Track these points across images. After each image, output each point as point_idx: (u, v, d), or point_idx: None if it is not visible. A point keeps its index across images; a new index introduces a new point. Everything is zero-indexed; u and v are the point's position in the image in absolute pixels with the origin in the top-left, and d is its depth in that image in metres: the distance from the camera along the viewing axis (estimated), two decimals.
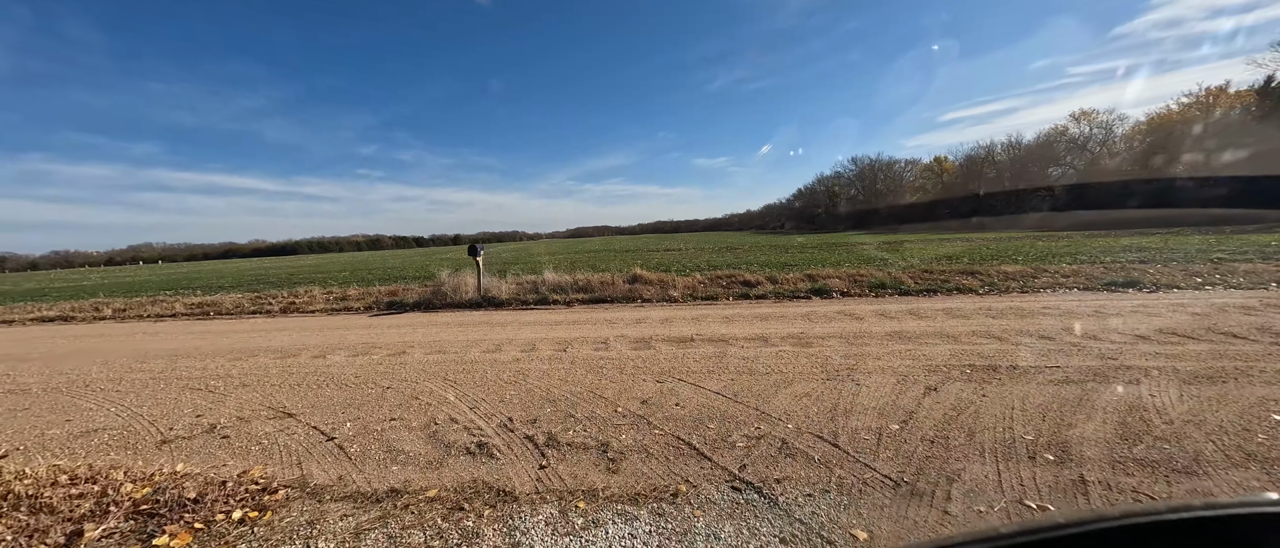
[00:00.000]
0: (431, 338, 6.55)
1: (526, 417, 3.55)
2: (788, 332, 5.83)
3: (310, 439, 3.35)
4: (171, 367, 5.64)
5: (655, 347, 5.48)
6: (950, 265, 11.31)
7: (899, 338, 5.31)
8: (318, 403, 4.08)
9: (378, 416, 3.74)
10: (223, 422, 3.75)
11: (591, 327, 6.83)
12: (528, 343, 5.97)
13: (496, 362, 5.15)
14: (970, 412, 3.31)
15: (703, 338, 5.78)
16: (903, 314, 6.55)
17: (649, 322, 7.00)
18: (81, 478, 2.77)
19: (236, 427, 3.64)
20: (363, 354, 5.81)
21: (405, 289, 11.83)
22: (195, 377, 5.13)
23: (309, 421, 3.69)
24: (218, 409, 4.05)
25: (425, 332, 7.05)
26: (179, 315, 10.81)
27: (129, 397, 4.52)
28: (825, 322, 6.31)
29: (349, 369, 5.13)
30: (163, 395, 4.51)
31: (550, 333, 6.53)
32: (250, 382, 4.81)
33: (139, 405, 4.25)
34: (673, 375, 4.38)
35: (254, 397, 4.33)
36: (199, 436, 3.51)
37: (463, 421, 3.54)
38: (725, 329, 6.19)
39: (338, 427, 3.54)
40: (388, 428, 3.47)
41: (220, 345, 6.78)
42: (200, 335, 7.81)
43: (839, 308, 7.26)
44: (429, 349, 5.88)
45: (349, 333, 7.29)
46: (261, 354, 6.08)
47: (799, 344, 5.25)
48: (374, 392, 4.31)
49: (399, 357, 5.60)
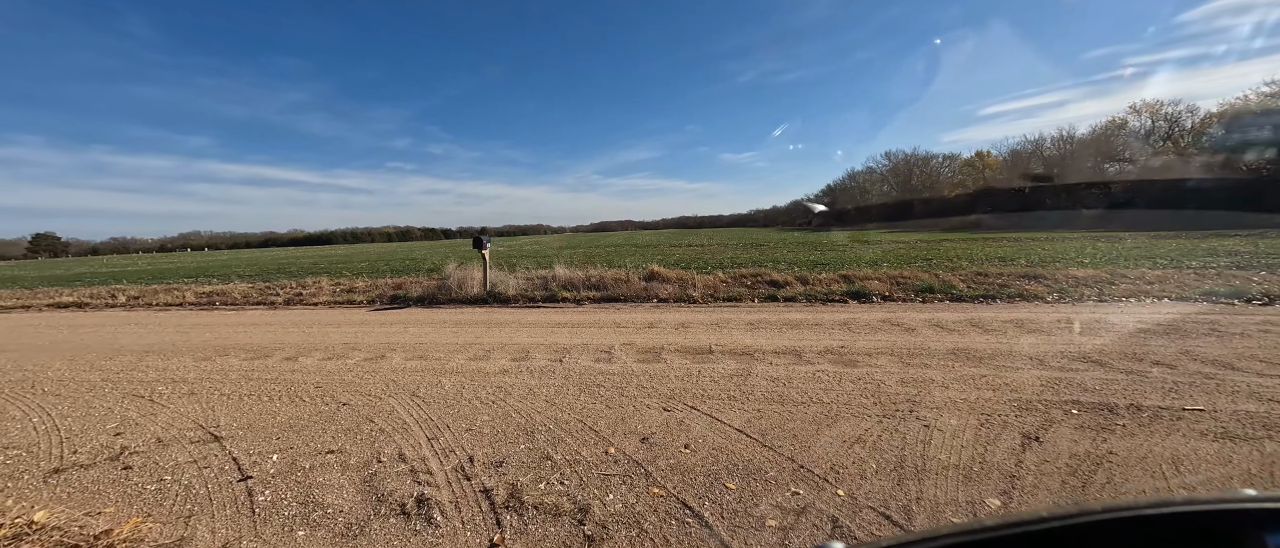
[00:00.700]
0: (418, 340, 5.88)
1: (492, 457, 2.78)
2: (825, 345, 4.89)
3: (221, 478, 2.66)
4: (132, 366, 5.14)
5: (666, 359, 4.64)
6: (1006, 268, 10.03)
7: (966, 358, 4.31)
8: (257, 422, 3.43)
9: (316, 445, 3.04)
10: (137, 445, 3.12)
11: (597, 331, 6.04)
12: (521, 349, 5.22)
13: (480, 373, 4.42)
14: (1102, 478, 2.35)
15: (723, 350, 4.90)
16: (962, 325, 5.51)
17: (662, 326, 6.16)
18: None
19: (148, 454, 3.00)
20: (338, 357, 5.19)
21: (413, 282, 11.33)
22: (149, 380, 4.58)
23: (234, 448, 3.02)
24: (144, 426, 3.44)
25: (415, 332, 6.41)
26: (185, 305, 10.60)
27: (64, 404, 3.99)
28: (869, 333, 5.33)
29: (314, 377, 4.49)
30: (99, 404, 3.95)
31: (550, 337, 5.77)
32: (201, 390, 4.22)
33: (66, 416, 3.70)
34: (684, 401, 3.54)
35: (193, 410, 3.72)
36: (100, 464, 2.89)
37: (412, 458, 2.80)
38: (749, 339, 5.29)
39: (262, 459, 2.85)
40: (319, 465, 2.76)
41: (198, 341, 6.31)
42: (187, 329, 7.40)
43: (883, 315, 6.25)
44: (411, 354, 5.21)
45: (337, 330, 6.73)
46: (233, 353, 5.54)
47: (840, 362, 4.32)
48: (327, 409, 3.64)
49: (375, 362, 4.94)
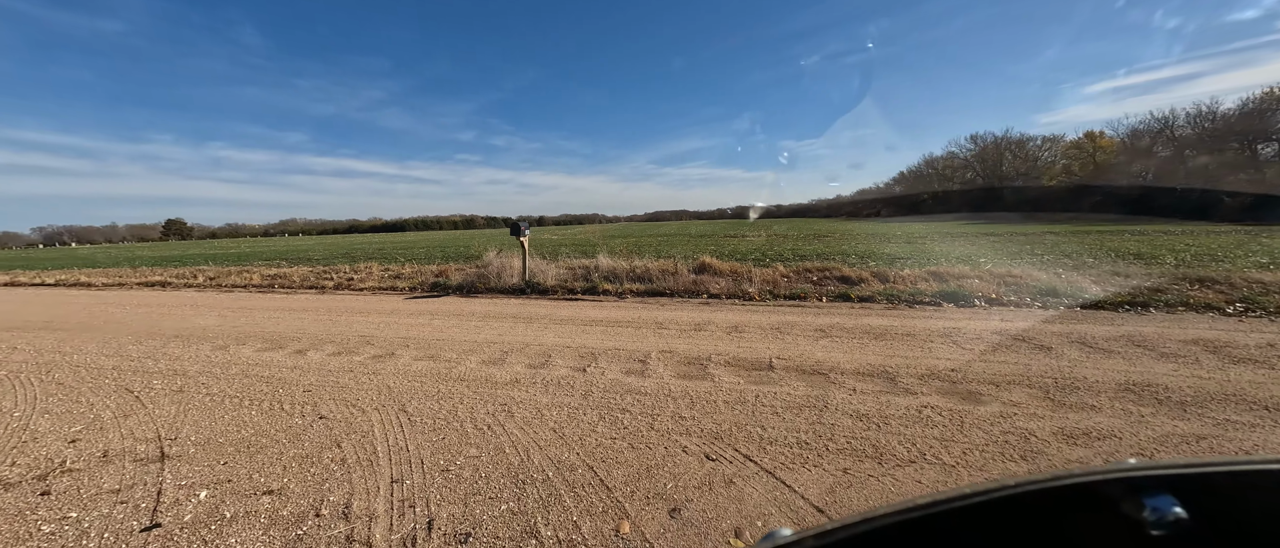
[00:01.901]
0: (436, 336, 5.32)
1: (458, 525, 1.99)
2: (928, 367, 3.70)
3: (124, 525, 2.08)
4: (150, 354, 4.96)
5: (714, 375, 3.68)
6: (1152, 267, 7.99)
7: (1149, 398, 2.98)
8: (218, 436, 2.89)
9: (260, 478, 2.42)
10: (78, 460, 2.67)
11: (634, 332, 5.18)
12: (543, 353, 4.47)
13: (487, 383, 3.70)
14: None
15: (788, 365, 3.86)
16: (1121, 345, 4.05)
17: (712, 330, 5.18)
18: None
19: (79, 474, 2.52)
20: (348, 353, 4.71)
21: (456, 269, 11.07)
22: (152, 371, 4.31)
23: (171, 473, 2.47)
24: (104, 433, 3.02)
25: (438, 326, 5.88)
26: (248, 287, 11.00)
27: (57, 396, 3.73)
28: (988, 352, 4.04)
29: (311, 377, 3.99)
30: (87, 398, 3.65)
31: (579, 338, 4.98)
32: (190, 388, 3.83)
33: (48, 412, 3.40)
34: (735, 444, 2.58)
35: (165, 414, 3.28)
36: (24, 483, 2.43)
37: (357, 515, 2.08)
38: (821, 352, 4.19)
39: (188, 496, 2.26)
40: (244, 515, 2.11)
41: (229, 327, 6.17)
42: (229, 312, 7.41)
43: (997, 325, 4.86)
44: (422, 352, 4.62)
45: (363, 320, 6.37)
46: (251, 342, 5.25)
47: (955, 395, 3.14)
48: (299, 424, 3.05)
49: (382, 361, 4.39)
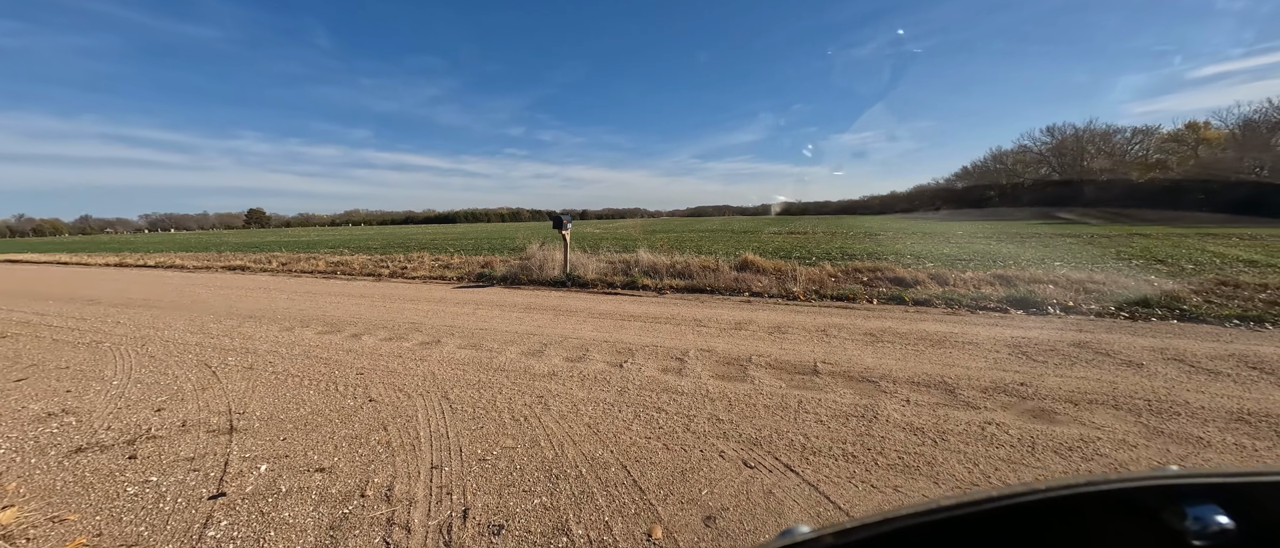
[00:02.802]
0: (480, 325, 5.47)
1: (491, 515, 2.01)
2: (993, 379, 3.39)
3: (196, 492, 2.25)
4: (226, 332, 5.41)
5: (754, 377, 3.55)
6: (1271, 277, 7.00)
7: (1274, 431, 2.58)
8: (280, 413, 3.09)
9: (314, 456, 2.55)
10: (161, 428, 2.93)
11: (673, 329, 5.10)
12: (581, 346, 4.49)
13: (526, 374, 3.75)
14: None
15: (834, 371, 3.66)
16: (1232, 366, 3.53)
17: (753, 329, 5.01)
18: None
19: (161, 442, 2.76)
20: (397, 339, 4.93)
21: (501, 261, 11.40)
22: (227, 348, 4.69)
23: (237, 446, 2.66)
24: (184, 405, 3.30)
25: (482, 315, 6.05)
26: (314, 273, 11.82)
27: (148, 368, 4.14)
28: (1064, 364, 3.65)
29: (364, 360, 4.20)
30: (173, 371, 4.02)
31: (617, 333, 4.97)
32: (258, 366, 4.13)
33: (139, 382, 3.77)
34: (775, 452, 2.46)
35: (236, 389, 3.55)
36: (116, 447, 2.69)
37: (398, 497, 2.14)
38: (872, 358, 3.94)
39: (250, 469, 2.42)
40: (297, 490, 2.23)
41: (294, 310, 6.64)
42: (296, 296, 7.98)
43: (1076, 336, 4.39)
44: (465, 341, 4.76)
45: (413, 307, 6.67)
46: (313, 325, 5.62)
47: (1025, 412, 2.86)
48: (351, 405, 3.21)
49: (428, 347, 4.56)
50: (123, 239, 57.45)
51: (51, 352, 4.73)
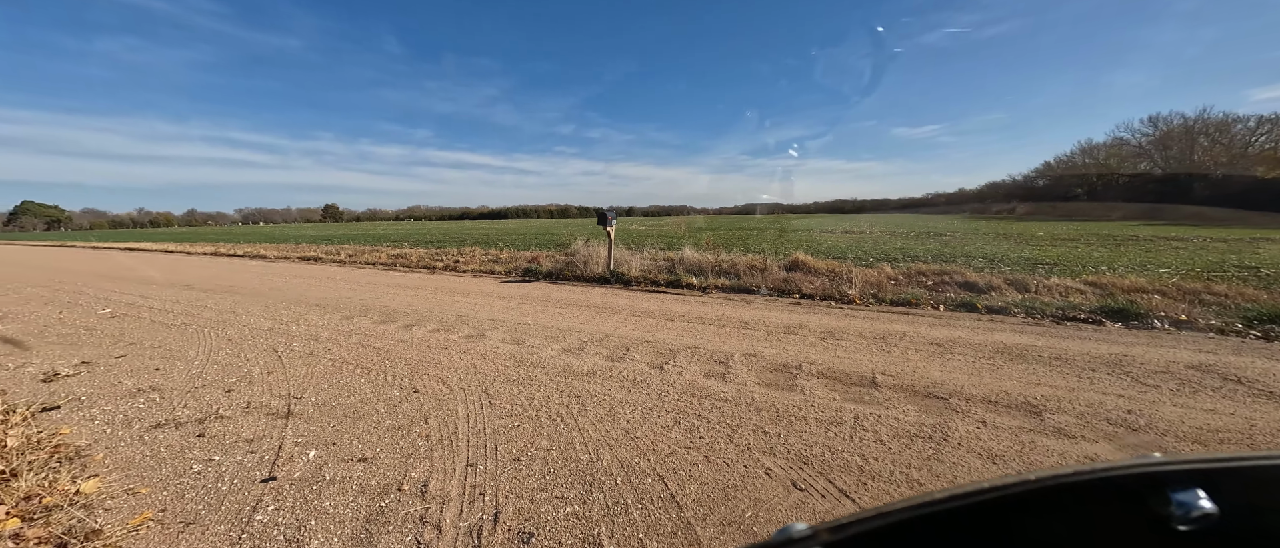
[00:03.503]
0: (523, 320, 5.52)
1: (522, 521, 1.94)
2: (1089, 403, 2.94)
3: (251, 474, 2.35)
4: (295, 319, 5.78)
5: (804, 387, 3.30)
6: None
7: None
8: (333, 400, 3.22)
9: (359, 444, 2.61)
10: (229, 409, 3.12)
11: (717, 331, 4.90)
12: (622, 345, 4.39)
13: (565, 372, 3.70)
14: None
15: (895, 384, 3.33)
16: None
17: (804, 334, 4.72)
18: None
19: (227, 422, 2.93)
20: (445, 331, 5.06)
21: (547, 256, 11.58)
22: (294, 334, 5.00)
23: (291, 431, 2.77)
24: (251, 387, 3.52)
25: (526, 311, 6.11)
26: (376, 264, 12.55)
27: (226, 350, 4.47)
28: (1187, 398, 3.12)
29: (413, 351, 4.33)
30: (246, 354, 4.32)
31: (658, 333, 4.83)
32: (319, 352, 4.36)
33: (216, 363, 4.07)
34: (827, 472, 2.24)
35: (296, 374, 3.75)
36: (188, 425, 2.89)
37: (433, 494, 2.12)
38: (939, 371, 3.57)
39: (300, 455, 2.51)
40: (339, 480, 2.28)
41: (355, 299, 7.02)
42: (358, 285, 8.45)
43: (1194, 357, 3.76)
44: (508, 336, 4.80)
45: (462, 300, 6.86)
46: (370, 315, 5.90)
47: (1137, 449, 2.44)
48: (397, 396, 3.28)
49: (473, 341, 4.63)
50: (219, 231, 64.24)
51: (148, 331, 5.25)
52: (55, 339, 5.00)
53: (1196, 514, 0.42)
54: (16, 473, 2.27)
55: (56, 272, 11.95)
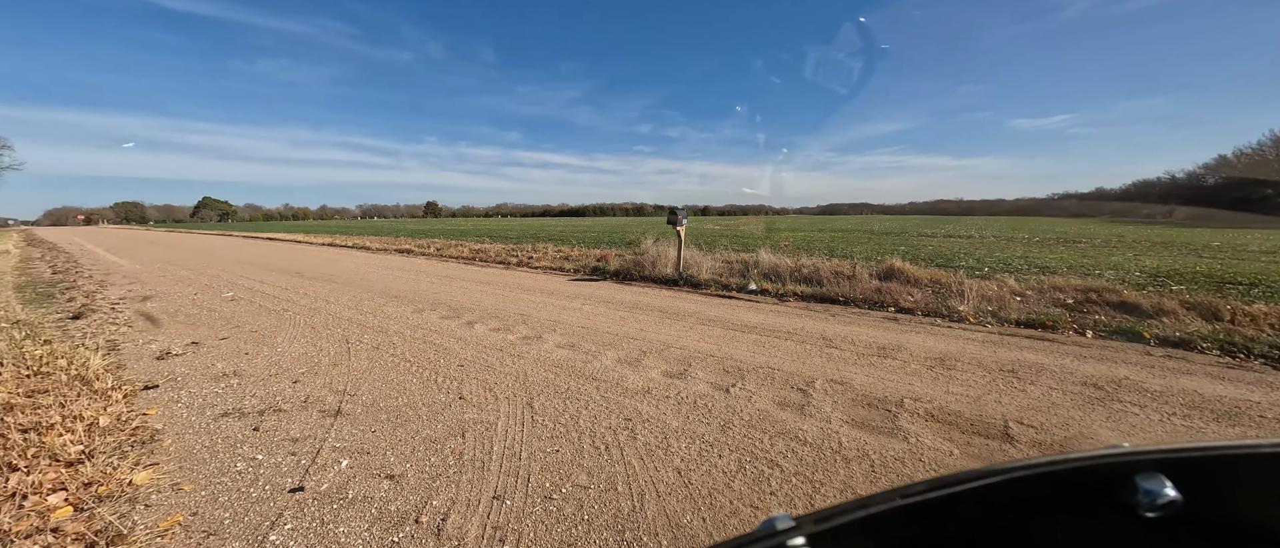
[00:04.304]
0: (584, 322, 5.26)
1: None
2: None
3: (283, 481, 2.26)
4: (373, 311, 6.05)
5: (908, 432, 2.62)
6: None
7: None
8: (380, 401, 3.14)
9: (392, 457, 2.44)
10: (289, 402, 3.15)
11: (795, 348, 4.27)
12: (684, 359, 3.94)
13: (618, 387, 3.34)
14: None
15: (1039, 438, 2.53)
16: None
17: (904, 358, 3.93)
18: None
19: (283, 416, 2.94)
20: (505, 330, 4.95)
21: (616, 255, 11.41)
22: (368, 326, 5.18)
23: (334, 434, 2.69)
24: (314, 379, 3.58)
25: (588, 312, 5.87)
26: (459, 258, 13.23)
27: (307, 338, 4.71)
28: None
29: (469, 351, 4.23)
30: (322, 343, 4.50)
31: (727, 347, 4.31)
32: (383, 346, 4.42)
33: (293, 352, 4.26)
34: None
35: (356, 369, 3.78)
36: (249, 415, 2.93)
37: (451, 533, 1.84)
38: (1103, 424, 2.67)
39: (335, 463, 2.38)
40: (361, 500, 2.09)
41: (431, 292, 7.27)
42: (437, 279, 8.83)
43: None
44: (565, 340, 4.56)
45: (528, 298, 6.82)
46: (439, 309, 6.01)
47: None
48: (441, 402, 3.13)
49: (529, 343, 4.45)
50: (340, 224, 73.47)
51: (252, 315, 5.76)
52: (183, 319, 5.65)
53: (1162, 501, 0.44)
54: (92, 455, 2.37)
55: (210, 257, 14.10)
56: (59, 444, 2.44)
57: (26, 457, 2.29)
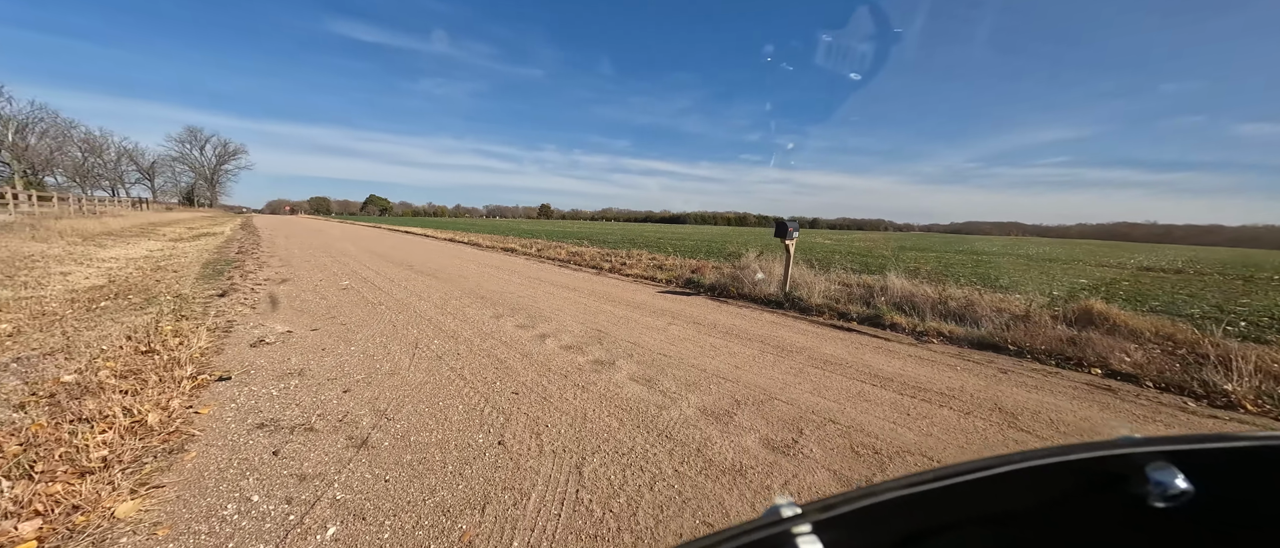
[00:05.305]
0: (667, 350, 4.45)
1: None
2: None
3: (265, 539, 1.77)
4: (451, 313, 5.88)
5: None
6: None
7: None
8: (410, 433, 2.65)
9: (388, 529, 1.86)
10: (321, 420, 2.81)
11: (958, 424, 2.98)
12: (795, 420, 2.92)
13: (700, 456, 2.46)
14: None
15: None
16: None
17: None
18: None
19: (304, 441, 2.57)
20: (575, 350, 4.34)
21: (712, 267, 10.45)
22: (442, 330, 4.94)
23: (344, 479, 2.21)
24: (361, 394, 3.26)
25: (674, 334, 5.05)
26: (554, 260, 13.33)
27: (378, 342, 4.57)
28: None
29: (527, 375, 3.67)
30: (390, 347, 4.29)
31: (855, 409, 3.18)
32: (446, 356, 4.06)
33: (355, 356, 4.08)
34: None
35: (412, 381, 3.40)
36: (279, 432, 2.62)
37: None
38: None
39: (321, 528, 1.86)
40: None
41: (514, 296, 7.03)
42: (526, 281, 8.70)
43: None
44: (640, 370, 3.78)
45: (611, 310, 6.21)
46: (516, 316, 5.65)
47: None
48: (476, 445, 2.53)
49: (598, 371, 3.76)
50: (467, 221, 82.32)
51: (351, 307, 5.94)
52: (297, 305, 6.02)
53: (1173, 492, 0.43)
54: (108, 465, 2.15)
55: (352, 244, 16.05)
56: (94, 444, 2.28)
57: (53, 459, 2.14)
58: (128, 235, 16.51)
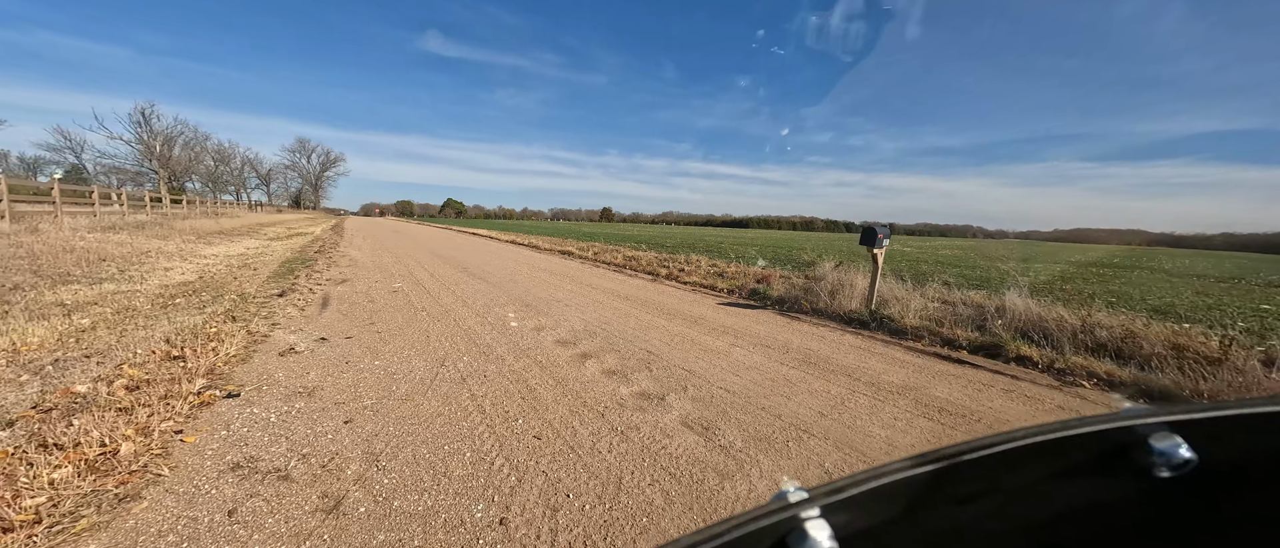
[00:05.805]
0: (730, 382, 3.63)
1: None
2: None
3: None
4: (492, 322, 5.43)
5: None
6: None
7: None
8: (400, 491, 2.08)
9: None
10: (313, 458, 2.33)
11: None
12: None
13: None
14: None
15: None
16: None
17: None
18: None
19: (290, 486, 2.08)
20: (619, 377, 3.66)
21: (781, 278, 9.39)
22: (477, 343, 4.47)
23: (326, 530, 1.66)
24: (371, 421, 2.77)
25: (737, 358, 4.21)
26: (609, 264, 12.84)
27: (414, 349, 4.16)
28: None
29: (556, 412, 3.03)
30: (422, 361, 3.85)
31: None
32: (471, 378, 3.53)
33: (394, 364, 3.67)
34: None
35: (423, 413, 2.88)
36: (252, 478, 2.15)
37: None
38: None
39: None
40: None
41: (562, 306, 6.51)
42: (580, 288, 8.19)
43: None
44: (697, 410, 3.01)
45: (666, 326, 5.48)
46: (561, 329, 5.07)
47: None
48: (473, 525, 1.91)
49: (643, 408, 3.04)
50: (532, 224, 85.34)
51: (393, 312, 5.69)
52: (345, 308, 5.89)
53: (1177, 461, 0.44)
54: (37, 520, 1.77)
55: (417, 246, 16.63)
56: (40, 484, 1.93)
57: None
58: (235, 234, 18.32)
